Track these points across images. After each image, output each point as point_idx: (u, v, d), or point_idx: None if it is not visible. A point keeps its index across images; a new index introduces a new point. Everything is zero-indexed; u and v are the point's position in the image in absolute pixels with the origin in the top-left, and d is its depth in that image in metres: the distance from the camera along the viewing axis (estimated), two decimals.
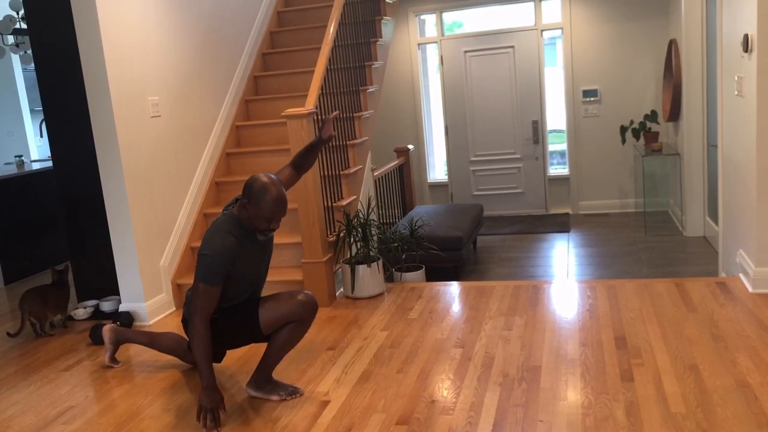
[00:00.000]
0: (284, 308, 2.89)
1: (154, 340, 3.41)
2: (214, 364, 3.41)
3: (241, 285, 2.92)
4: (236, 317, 2.94)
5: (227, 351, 3.47)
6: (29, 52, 7.17)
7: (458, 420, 2.67)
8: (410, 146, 7.08)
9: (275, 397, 2.97)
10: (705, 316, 3.52)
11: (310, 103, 4.21)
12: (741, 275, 4.06)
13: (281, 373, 3.25)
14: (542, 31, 7.56)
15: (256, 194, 2.78)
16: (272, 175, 2.84)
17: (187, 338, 3.32)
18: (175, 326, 4.11)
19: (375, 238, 4.51)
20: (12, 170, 6.01)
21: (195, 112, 4.83)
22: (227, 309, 2.95)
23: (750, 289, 3.85)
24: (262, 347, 3.60)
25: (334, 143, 4.61)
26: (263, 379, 3.01)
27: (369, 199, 4.75)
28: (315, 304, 2.94)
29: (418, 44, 7.98)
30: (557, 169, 8.02)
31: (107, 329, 3.52)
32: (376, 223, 4.58)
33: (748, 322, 3.40)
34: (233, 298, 2.94)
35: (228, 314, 2.93)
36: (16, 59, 7.99)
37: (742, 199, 4.00)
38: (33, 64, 5.85)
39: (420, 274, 4.78)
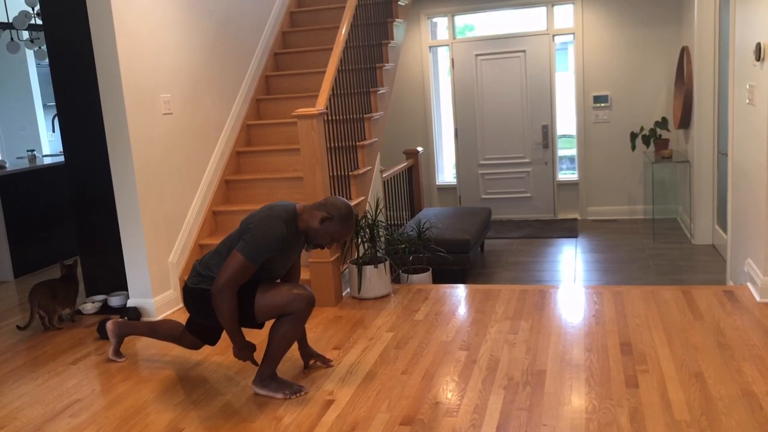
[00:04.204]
0: (280, 298, 2.91)
1: (153, 329, 3.44)
2: (209, 346, 3.56)
3: (260, 274, 2.96)
4: None
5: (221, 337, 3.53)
6: (44, 47, 7.23)
7: (462, 422, 2.68)
8: (419, 148, 7.09)
9: (280, 395, 2.99)
10: (711, 324, 3.51)
11: (321, 104, 4.23)
12: (749, 284, 4.05)
13: (286, 371, 3.27)
14: (554, 36, 7.55)
15: (342, 216, 2.93)
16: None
17: (182, 324, 3.37)
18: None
19: (382, 239, 4.52)
20: (24, 164, 6.05)
21: (206, 111, 4.86)
22: None
23: (757, 299, 3.83)
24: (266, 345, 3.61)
25: (343, 144, 4.62)
26: (268, 376, 3.03)
27: (377, 200, 4.76)
28: (311, 299, 2.95)
29: (430, 47, 7.99)
30: (566, 174, 8.01)
31: (111, 323, 3.57)
32: (383, 225, 4.59)
33: (755, 331, 3.39)
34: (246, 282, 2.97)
35: None
36: (30, 54, 8.06)
37: (752, 208, 3.99)
38: (47, 60, 5.90)
39: (427, 276, 4.79)
